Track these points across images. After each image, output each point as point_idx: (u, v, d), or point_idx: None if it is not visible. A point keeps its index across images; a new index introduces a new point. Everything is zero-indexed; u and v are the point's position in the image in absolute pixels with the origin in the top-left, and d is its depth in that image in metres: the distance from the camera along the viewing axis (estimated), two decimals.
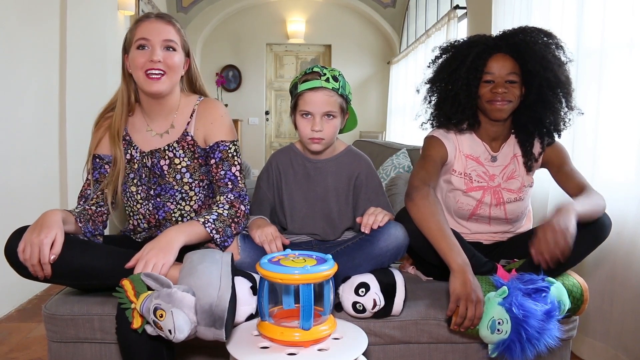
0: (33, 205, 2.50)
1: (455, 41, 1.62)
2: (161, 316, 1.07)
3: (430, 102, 1.64)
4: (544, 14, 2.25)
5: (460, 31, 3.97)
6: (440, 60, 1.61)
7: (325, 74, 1.46)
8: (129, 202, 1.51)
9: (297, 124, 1.51)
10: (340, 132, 1.61)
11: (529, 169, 1.59)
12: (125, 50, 1.44)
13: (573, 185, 1.50)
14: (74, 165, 2.88)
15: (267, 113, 7.13)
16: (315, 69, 1.48)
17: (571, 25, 2.04)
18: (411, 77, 5.35)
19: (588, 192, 1.45)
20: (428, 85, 1.64)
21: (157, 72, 1.37)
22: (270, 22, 6.91)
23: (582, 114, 1.57)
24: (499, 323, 1.26)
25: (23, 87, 2.48)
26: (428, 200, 1.41)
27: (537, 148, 1.58)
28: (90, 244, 1.35)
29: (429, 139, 1.62)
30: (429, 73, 1.64)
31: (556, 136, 1.58)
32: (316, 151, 1.53)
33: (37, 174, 2.64)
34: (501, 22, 2.68)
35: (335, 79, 1.46)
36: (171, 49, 1.40)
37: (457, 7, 4.01)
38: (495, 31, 2.72)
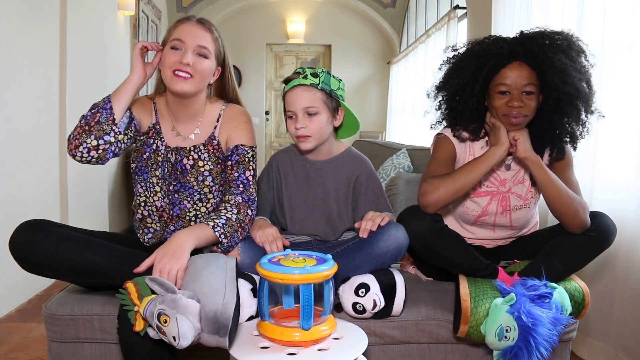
0: (33, 206, 2.50)
1: (471, 44, 1.52)
2: (165, 322, 1.07)
3: (439, 108, 1.60)
4: (544, 14, 2.25)
5: (460, 31, 3.96)
6: (452, 63, 1.54)
7: (304, 72, 1.47)
8: (146, 191, 1.50)
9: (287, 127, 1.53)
10: (339, 136, 1.61)
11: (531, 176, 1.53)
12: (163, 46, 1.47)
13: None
14: (74, 166, 2.87)
15: (267, 113, 7.13)
16: (297, 70, 1.49)
17: (571, 26, 2.02)
18: (411, 77, 5.35)
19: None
20: (436, 92, 1.58)
21: (184, 73, 1.39)
22: (270, 22, 6.91)
23: (603, 117, 1.50)
24: (506, 330, 1.26)
25: (23, 87, 2.47)
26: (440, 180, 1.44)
27: (545, 160, 1.52)
28: (94, 241, 1.35)
29: (436, 139, 1.61)
30: (440, 77, 1.57)
31: (571, 149, 1.53)
32: (306, 150, 1.52)
33: (38, 175, 2.63)
34: (501, 22, 2.67)
35: (314, 75, 1.46)
36: (203, 56, 1.41)
37: (457, 7, 4.00)
38: (495, 32, 2.72)
